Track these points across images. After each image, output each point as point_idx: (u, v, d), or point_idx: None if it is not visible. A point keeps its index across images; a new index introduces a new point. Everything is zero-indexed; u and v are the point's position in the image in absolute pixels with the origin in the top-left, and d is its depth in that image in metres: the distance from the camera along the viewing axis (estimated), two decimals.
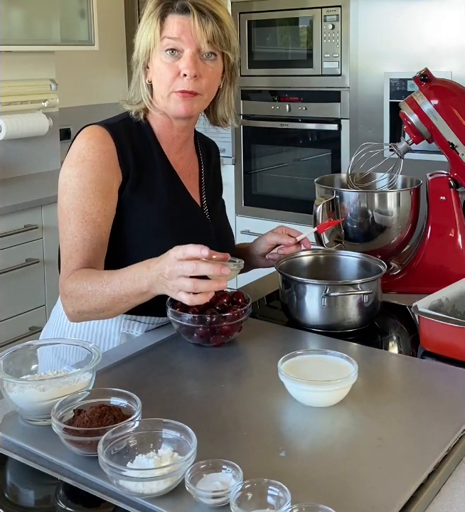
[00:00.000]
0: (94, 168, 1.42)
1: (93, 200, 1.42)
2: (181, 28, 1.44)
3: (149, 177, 1.51)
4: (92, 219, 1.41)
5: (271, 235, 1.69)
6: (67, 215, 1.42)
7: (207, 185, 1.66)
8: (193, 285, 1.21)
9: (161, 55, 1.46)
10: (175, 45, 1.44)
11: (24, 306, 3.15)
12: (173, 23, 1.45)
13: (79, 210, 1.41)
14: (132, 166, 1.48)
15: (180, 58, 1.45)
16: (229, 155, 4.09)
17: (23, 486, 1.03)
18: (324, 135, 3.72)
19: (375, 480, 0.98)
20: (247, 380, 1.32)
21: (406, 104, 1.79)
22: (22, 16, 3.36)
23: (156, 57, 1.47)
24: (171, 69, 1.45)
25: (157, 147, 1.54)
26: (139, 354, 1.40)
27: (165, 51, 1.45)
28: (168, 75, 1.46)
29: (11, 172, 3.64)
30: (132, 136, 1.51)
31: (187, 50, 1.44)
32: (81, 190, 1.42)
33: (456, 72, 3.01)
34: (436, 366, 1.35)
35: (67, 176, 1.44)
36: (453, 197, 1.77)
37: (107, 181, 1.44)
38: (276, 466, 1.01)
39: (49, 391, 1.11)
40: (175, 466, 0.94)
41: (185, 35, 1.44)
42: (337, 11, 3.52)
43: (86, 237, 1.40)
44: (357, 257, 1.66)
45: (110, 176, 1.45)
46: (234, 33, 1.50)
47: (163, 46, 1.45)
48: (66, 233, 1.42)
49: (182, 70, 1.44)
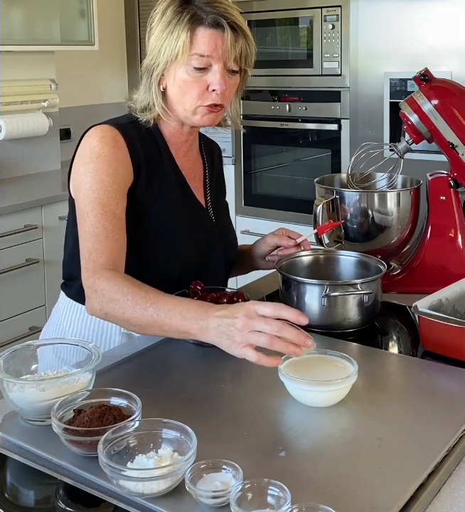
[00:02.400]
0: (110, 162, 1.41)
1: (111, 193, 1.39)
2: (213, 45, 1.41)
3: (159, 178, 1.51)
4: (111, 210, 1.38)
5: (272, 236, 1.70)
6: (85, 209, 1.39)
7: (212, 187, 1.66)
8: (269, 341, 1.11)
9: (188, 68, 1.44)
10: (204, 61, 1.43)
11: (24, 306, 3.15)
12: (204, 37, 1.41)
13: (98, 202, 1.38)
14: (143, 166, 1.47)
15: (208, 73, 1.44)
16: (229, 155, 4.09)
17: (23, 486, 1.03)
18: (324, 135, 3.72)
19: (375, 480, 0.98)
20: (247, 380, 1.32)
21: (406, 104, 1.79)
22: (22, 16, 3.36)
23: (181, 68, 1.44)
24: (200, 84, 1.44)
25: (166, 150, 1.54)
26: (138, 354, 1.40)
27: (193, 68, 1.43)
28: (196, 90, 1.45)
29: (11, 172, 3.64)
30: (142, 138, 1.50)
31: (216, 65, 1.43)
32: (98, 184, 1.39)
33: (456, 72, 3.01)
34: (436, 366, 1.34)
35: (82, 174, 1.42)
36: (453, 197, 1.77)
37: (123, 177, 1.43)
38: (276, 466, 1.01)
39: (49, 391, 1.11)
40: (175, 466, 0.94)
41: (215, 51, 1.42)
42: (337, 11, 3.52)
43: (108, 228, 1.37)
44: (358, 257, 1.66)
45: (126, 173, 1.44)
46: (255, 50, 1.50)
47: (192, 61, 1.43)
48: (85, 227, 1.38)
49: (212, 85, 1.44)
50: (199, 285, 1.49)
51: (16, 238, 3.07)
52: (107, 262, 1.35)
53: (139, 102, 1.52)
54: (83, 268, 1.37)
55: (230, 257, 1.67)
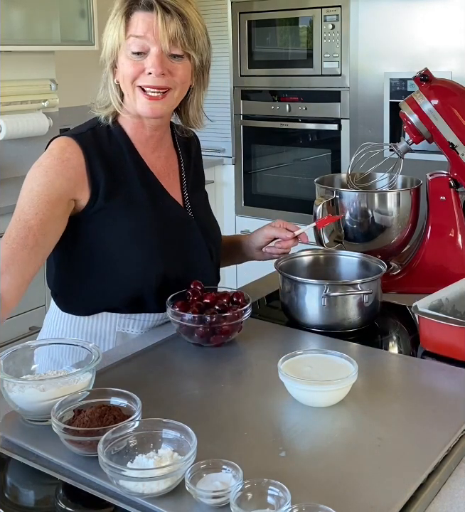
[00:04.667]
0: (47, 173, 1.41)
1: (35, 202, 1.39)
2: (146, 26, 1.40)
3: (124, 183, 1.48)
4: (25, 219, 1.38)
5: (270, 228, 1.70)
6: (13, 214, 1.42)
7: (188, 181, 1.62)
8: None
9: (127, 53, 1.43)
10: (142, 44, 1.41)
11: (24, 306, 3.15)
12: (138, 20, 1.42)
13: (19, 209, 1.41)
14: (103, 175, 1.45)
15: (146, 57, 1.42)
16: (229, 155, 4.10)
17: (23, 486, 1.03)
18: (324, 135, 3.73)
19: (375, 480, 0.98)
20: (247, 380, 1.32)
21: (406, 104, 1.79)
22: (22, 16, 3.36)
23: (122, 55, 1.44)
24: (137, 67, 1.43)
25: (131, 150, 1.51)
26: (138, 354, 1.40)
27: (131, 52, 1.42)
28: (132, 70, 1.43)
29: (11, 172, 3.64)
30: (102, 144, 1.48)
31: (153, 48, 1.41)
32: (27, 192, 1.41)
33: (456, 72, 3.01)
34: (436, 366, 1.34)
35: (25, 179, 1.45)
36: (453, 197, 1.77)
37: (58, 188, 1.40)
38: (276, 466, 1.01)
39: (49, 391, 1.11)
40: (175, 466, 0.94)
41: (150, 33, 1.40)
42: (337, 11, 3.52)
43: (11, 235, 1.38)
44: (357, 257, 1.66)
45: (64, 184, 1.41)
46: (201, 33, 1.46)
47: (129, 45, 1.42)
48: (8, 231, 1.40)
49: (147, 69, 1.42)
50: (199, 285, 1.49)
51: None
52: None
53: (100, 100, 1.51)
54: None
55: (215, 249, 1.64)
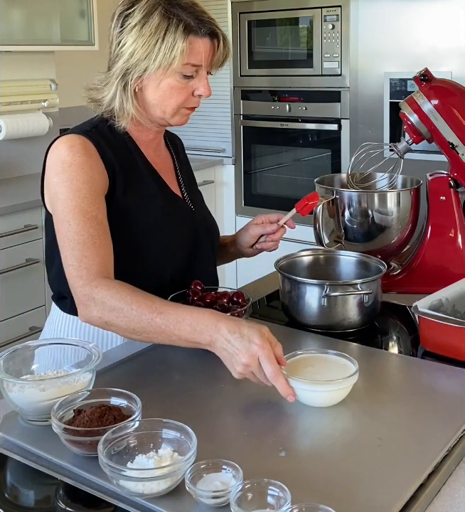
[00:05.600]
0: (84, 170, 1.39)
1: (90, 199, 1.38)
2: (207, 55, 1.43)
3: (135, 178, 1.50)
4: (93, 216, 1.37)
5: (254, 227, 1.71)
6: (66, 218, 1.37)
7: (183, 178, 1.66)
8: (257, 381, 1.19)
9: (177, 75, 1.43)
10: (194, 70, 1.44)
11: (24, 306, 3.15)
12: (199, 48, 1.41)
13: (78, 210, 1.36)
14: (117, 169, 1.46)
15: (193, 79, 1.45)
16: (229, 155, 4.10)
17: (23, 486, 1.03)
18: (324, 135, 3.73)
19: (375, 480, 0.98)
20: (247, 380, 1.32)
21: (406, 104, 1.79)
22: (22, 15, 3.36)
23: (170, 76, 1.42)
24: (187, 90, 1.45)
25: (135, 148, 1.53)
26: (139, 354, 1.40)
27: (182, 75, 1.43)
28: (183, 96, 1.45)
29: (11, 172, 3.64)
30: (108, 140, 1.48)
31: (203, 72, 1.45)
32: (75, 192, 1.37)
33: (456, 72, 3.01)
34: (436, 366, 1.34)
35: (56, 184, 1.40)
36: (453, 197, 1.77)
37: (99, 182, 1.41)
38: (276, 466, 1.01)
39: (49, 391, 1.11)
40: (175, 466, 0.94)
41: (207, 61, 1.44)
42: (337, 11, 3.52)
43: (93, 234, 1.35)
44: (358, 257, 1.66)
45: (101, 178, 1.42)
46: None
47: (183, 70, 1.42)
48: (68, 236, 1.35)
49: (198, 91, 1.46)
50: (199, 285, 1.49)
51: (16, 238, 3.07)
52: (101, 269, 1.33)
53: (106, 103, 1.48)
54: (75, 277, 1.34)
55: (214, 241, 1.68)
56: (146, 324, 1.25)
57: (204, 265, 1.62)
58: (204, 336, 1.21)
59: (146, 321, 1.25)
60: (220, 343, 1.20)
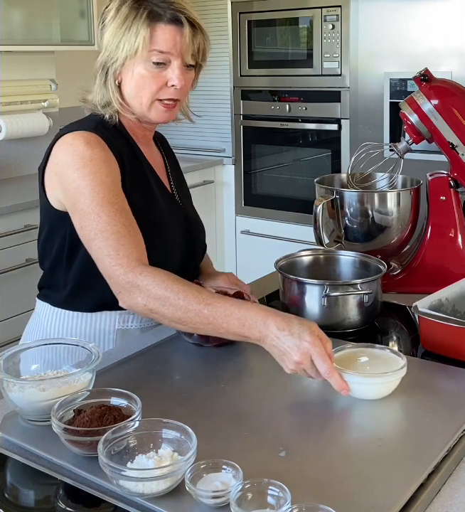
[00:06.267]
0: (105, 163, 1.40)
1: (115, 190, 1.39)
2: (172, 42, 1.42)
3: (136, 173, 1.51)
4: (121, 207, 1.37)
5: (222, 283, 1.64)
6: (94, 211, 1.36)
7: (173, 176, 1.67)
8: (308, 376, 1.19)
9: (147, 64, 1.44)
10: (164, 58, 1.43)
11: (24, 306, 3.15)
12: (164, 34, 1.42)
13: (106, 202, 1.36)
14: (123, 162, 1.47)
15: (167, 68, 1.44)
16: (229, 155, 4.09)
17: (23, 486, 1.03)
18: (324, 135, 3.73)
19: (375, 480, 0.98)
20: (247, 380, 1.32)
21: (406, 104, 1.80)
22: (22, 16, 3.36)
23: (140, 64, 1.44)
24: (158, 79, 1.45)
25: (134, 145, 1.54)
26: (139, 354, 1.40)
27: (152, 63, 1.43)
28: (155, 85, 1.45)
29: (11, 172, 3.64)
30: (113, 137, 1.49)
31: (175, 61, 1.44)
32: (100, 185, 1.37)
33: (456, 72, 3.01)
34: (436, 366, 1.34)
35: (77, 179, 1.38)
36: (453, 197, 1.77)
37: (118, 175, 1.43)
38: (276, 466, 1.01)
39: (49, 391, 1.11)
40: (175, 466, 0.94)
41: (174, 48, 1.43)
42: (337, 11, 3.52)
43: (126, 223, 1.35)
44: (358, 257, 1.66)
45: (118, 172, 1.44)
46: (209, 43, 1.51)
47: (151, 57, 1.43)
48: (99, 227, 1.34)
49: (171, 81, 1.44)
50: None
51: (16, 238, 3.07)
52: (140, 257, 1.34)
53: (97, 100, 1.50)
54: (114, 265, 1.32)
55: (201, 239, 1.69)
56: (193, 315, 1.26)
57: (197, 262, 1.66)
58: (253, 332, 1.22)
59: (193, 312, 1.25)
60: (269, 340, 1.20)
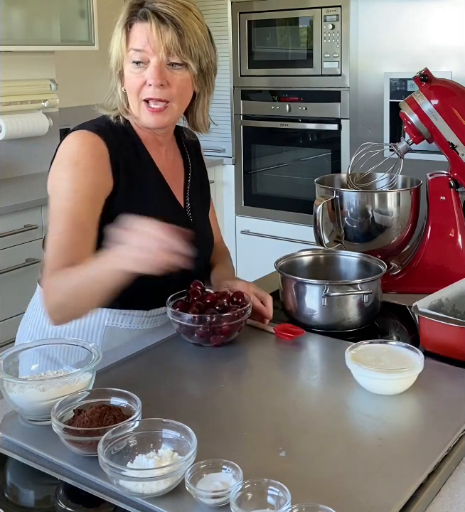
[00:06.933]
0: (86, 173, 1.41)
1: (84, 204, 1.40)
2: (144, 39, 1.42)
3: (139, 180, 1.49)
4: (81, 222, 1.39)
5: None
6: (56, 215, 1.41)
7: (193, 186, 1.63)
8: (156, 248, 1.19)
9: (130, 65, 1.45)
10: (141, 56, 1.43)
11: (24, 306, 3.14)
12: (136, 32, 1.44)
13: (69, 213, 1.39)
14: (124, 171, 1.46)
15: (147, 68, 1.44)
16: (229, 155, 4.10)
17: (23, 486, 1.03)
18: (324, 135, 3.73)
19: (375, 480, 0.98)
20: (247, 380, 1.32)
21: (406, 104, 1.80)
22: (22, 15, 3.36)
23: (126, 67, 1.46)
24: (139, 79, 1.45)
25: (144, 151, 1.53)
26: (139, 354, 1.40)
27: (132, 63, 1.44)
28: (136, 86, 1.45)
29: (11, 172, 3.64)
30: (121, 140, 1.49)
31: (152, 59, 1.43)
32: (72, 193, 1.40)
33: (456, 72, 3.01)
34: (436, 366, 1.34)
35: (58, 178, 1.43)
36: (453, 197, 1.77)
37: (99, 187, 1.43)
38: (276, 466, 1.01)
39: (49, 391, 1.11)
40: (175, 466, 0.94)
41: (148, 45, 1.42)
42: (337, 11, 3.52)
43: (74, 240, 1.38)
44: (357, 257, 1.66)
45: (101, 182, 1.43)
46: (200, 40, 1.45)
47: (130, 57, 1.45)
48: (54, 233, 1.40)
49: (147, 80, 1.44)
50: (199, 285, 1.49)
51: (16, 238, 3.07)
52: None
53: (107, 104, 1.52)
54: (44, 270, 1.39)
55: (207, 255, 1.66)
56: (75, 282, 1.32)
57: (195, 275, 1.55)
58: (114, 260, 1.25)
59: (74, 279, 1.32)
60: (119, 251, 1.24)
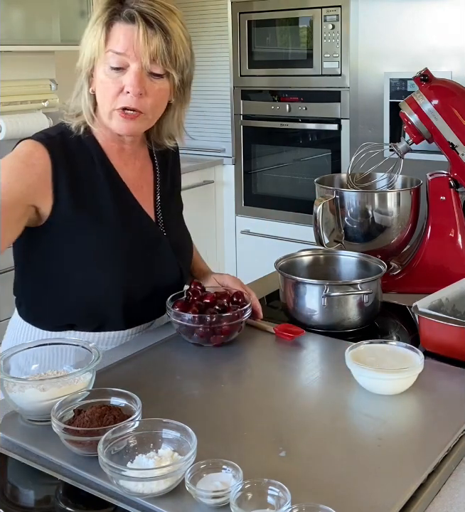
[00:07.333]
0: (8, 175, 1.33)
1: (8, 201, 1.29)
2: (127, 42, 1.32)
3: (93, 196, 1.41)
4: None
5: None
6: None
7: (164, 193, 1.55)
8: None
9: (105, 67, 1.35)
10: (120, 60, 1.33)
11: None
12: (119, 34, 1.33)
13: None
14: (69, 185, 1.37)
15: (125, 73, 1.34)
16: (229, 155, 4.09)
17: (23, 486, 1.03)
18: (324, 135, 3.72)
19: (375, 480, 0.98)
20: (247, 380, 1.32)
21: (406, 104, 1.80)
22: (22, 15, 3.36)
23: (100, 68, 1.36)
24: (115, 85, 1.34)
25: (103, 161, 1.44)
26: (139, 354, 1.40)
27: (110, 67, 1.34)
28: (112, 91, 1.35)
29: None
30: (71, 152, 1.40)
31: (133, 65, 1.33)
32: None
33: (456, 72, 3.00)
34: (436, 366, 1.34)
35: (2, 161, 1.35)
36: (453, 197, 1.77)
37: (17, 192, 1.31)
38: (276, 466, 1.01)
39: (49, 391, 1.11)
40: (175, 466, 0.94)
41: (130, 49, 1.32)
42: (337, 11, 3.52)
43: None
44: (357, 257, 1.66)
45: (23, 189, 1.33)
46: (184, 49, 1.37)
47: (107, 59, 1.34)
48: None
49: (125, 87, 1.34)
50: (199, 285, 1.49)
51: None
52: None
53: (71, 107, 1.44)
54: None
55: (185, 266, 1.57)
56: None
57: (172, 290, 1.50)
58: None
59: None
60: None
